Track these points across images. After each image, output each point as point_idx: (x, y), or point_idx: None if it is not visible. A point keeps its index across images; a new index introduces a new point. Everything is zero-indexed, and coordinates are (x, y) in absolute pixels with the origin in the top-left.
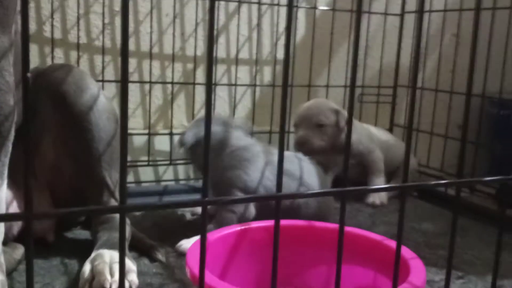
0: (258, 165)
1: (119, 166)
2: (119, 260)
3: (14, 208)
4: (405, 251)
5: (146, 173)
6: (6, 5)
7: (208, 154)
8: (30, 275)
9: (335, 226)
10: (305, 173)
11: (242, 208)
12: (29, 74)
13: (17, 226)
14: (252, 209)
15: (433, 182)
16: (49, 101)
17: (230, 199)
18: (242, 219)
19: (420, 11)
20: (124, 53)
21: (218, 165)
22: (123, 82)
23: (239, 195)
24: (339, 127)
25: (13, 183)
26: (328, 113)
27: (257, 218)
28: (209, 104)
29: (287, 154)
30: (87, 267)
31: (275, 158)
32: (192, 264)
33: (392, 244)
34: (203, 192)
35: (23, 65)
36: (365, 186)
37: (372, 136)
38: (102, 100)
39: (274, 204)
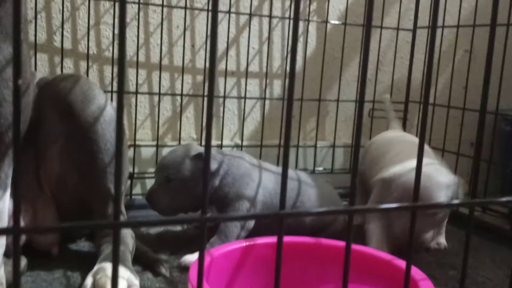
0: (252, 174)
1: (122, 179)
2: (112, 276)
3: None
4: (415, 272)
5: None
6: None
7: (208, 169)
8: None
9: (342, 243)
10: (302, 188)
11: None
12: (20, 81)
13: (20, 239)
14: (252, 222)
15: (445, 203)
16: (55, 111)
17: (230, 216)
18: (244, 227)
19: (433, 27)
20: (121, 64)
21: (217, 185)
22: (119, 93)
23: (245, 203)
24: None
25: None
26: (443, 193)
27: (257, 226)
28: (210, 116)
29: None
30: (89, 281)
31: (265, 166)
32: (195, 279)
33: (401, 263)
34: (202, 209)
35: (14, 72)
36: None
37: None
38: (109, 111)
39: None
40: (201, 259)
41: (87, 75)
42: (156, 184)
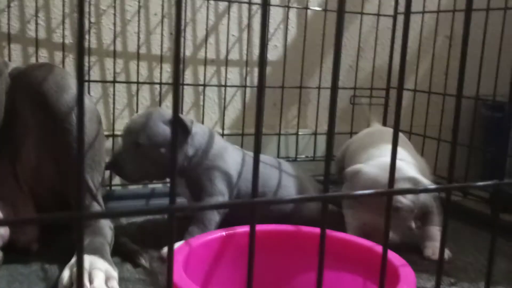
0: (233, 159)
1: (97, 169)
2: (77, 269)
3: None
4: (395, 258)
5: None
6: None
7: (176, 155)
8: None
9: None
10: (282, 175)
11: (221, 198)
12: None
13: (1, 238)
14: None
15: (421, 188)
16: (29, 101)
17: (201, 205)
18: (220, 212)
19: (407, 13)
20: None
21: (192, 164)
22: (80, 79)
23: (221, 185)
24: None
25: None
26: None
27: (235, 212)
28: (176, 103)
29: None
30: (66, 273)
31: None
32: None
33: (381, 250)
34: (171, 198)
35: None
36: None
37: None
38: (84, 100)
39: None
40: (170, 252)
41: (63, 65)
42: (123, 149)
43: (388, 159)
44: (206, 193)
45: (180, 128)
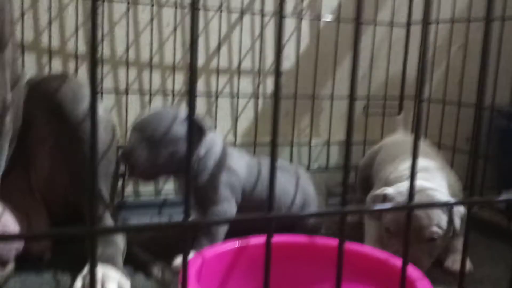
0: (238, 161)
1: (108, 183)
2: (90, 282)
3: (6, 222)
4: (413, 271)
5: (146, 186)
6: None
7: (190, 169)
8: None
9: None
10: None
11: (227, 207)
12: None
13: (16, 250)
14: (234, 206)
15: (441, 202)
16: (44, 110)
17: (215, 220)
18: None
19: (425, 22)
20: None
21: (200, 166)
22: (93, 89)
23: (225, 190)
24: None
25: (6, 199)
26: (442, 217)
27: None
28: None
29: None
30: (78, 283)
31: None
32: None
33: (398, 262)
34: (185, 213)
35: None
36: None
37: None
38: (99, 110)
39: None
40: (184, 266)
41: (76, 75)
42: (134, 144)
43: (419, 182)
44: (210, 201)
45: (196, 129)
